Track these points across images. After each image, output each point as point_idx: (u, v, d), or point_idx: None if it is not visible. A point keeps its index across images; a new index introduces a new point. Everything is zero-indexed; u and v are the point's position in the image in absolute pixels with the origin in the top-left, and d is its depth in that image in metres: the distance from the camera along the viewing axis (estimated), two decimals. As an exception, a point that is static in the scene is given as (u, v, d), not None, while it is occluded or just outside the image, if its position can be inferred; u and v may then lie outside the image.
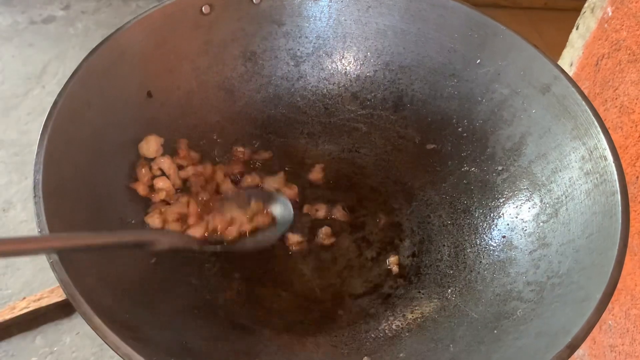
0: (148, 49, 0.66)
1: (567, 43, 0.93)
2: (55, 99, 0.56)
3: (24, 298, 1.03)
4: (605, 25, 0.80)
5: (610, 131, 0.79)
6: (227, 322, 0.61)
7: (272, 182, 0.72)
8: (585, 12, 0.86)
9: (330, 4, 0.73)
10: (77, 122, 0.58)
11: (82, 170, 0.57)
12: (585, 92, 0.85)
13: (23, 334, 1.02)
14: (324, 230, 0.70)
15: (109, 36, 0.62)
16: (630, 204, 0.76)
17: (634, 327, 0.80)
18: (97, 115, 0.60)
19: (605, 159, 0.57)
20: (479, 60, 0.69)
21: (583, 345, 0.90)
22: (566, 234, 0.58)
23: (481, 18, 0.68)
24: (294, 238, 0.69)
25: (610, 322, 0.84)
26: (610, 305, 0.83)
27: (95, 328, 0.45)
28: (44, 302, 1.03)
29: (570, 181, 0.60)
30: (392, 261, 0.69)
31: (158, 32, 0.66)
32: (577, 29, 0.89)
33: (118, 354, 0.45)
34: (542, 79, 0.64)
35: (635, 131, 0.76)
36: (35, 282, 1.08)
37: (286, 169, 0.75)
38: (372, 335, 0.63)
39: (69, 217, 0.53)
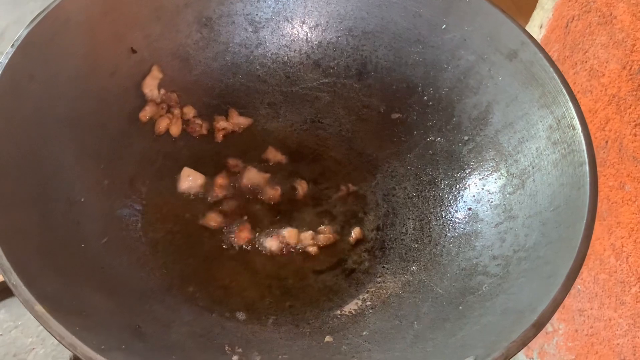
0: (94, 15, 0.62)
1: (537, 4, 0.92)
2: (-6, 72, 0.53)
3: (-16, 273, 1.01)
4: (576, -14, 0.79)
5: (579, 95, 0.79)
6: (182, 304, 0.60)
7: (254, 178, 0.71)
8: (556, -28, 0.85)
9: (289, -35, 0.70)
10: (18, 97, 0.55)
11: (25, 148, 0.55)
12: (555, 55, 0.84)
13: (-14, 308, 1.00)
14: (310, 235, 0.68)
15: (51, 3, 0.59)
16: (599, 168, 0.76)
17: (602, 291, 0.80)
18: (41, 89, 0.57)
19: (574, 128, 0.55)
20: (444, 26, 0.67)
21: (552, 310, 0.91)
22: (533, 206, 0.57)
23: (446, -20, 0.66)
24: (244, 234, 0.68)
25: (579, 286, 0.85)
26: (579, 270, 0.83)
27: (37, 317, 0.43)
28: (6, 277, 1.01)
29: (537, 151, 0.59)
30: (354, 234, 0.68)
31: (105, -2, 0.63)
32: (547, -11, 0.88)
33: (63, 344, 0.43)
34: (509, 44, 0.62)
35: (605, 95, 0.75)
36: (-3, 257, 1.06)
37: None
38: (335, 313, 0.62)
39: (11, 199, 0.51)
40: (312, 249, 0.66)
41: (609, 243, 0.78)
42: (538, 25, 0.91)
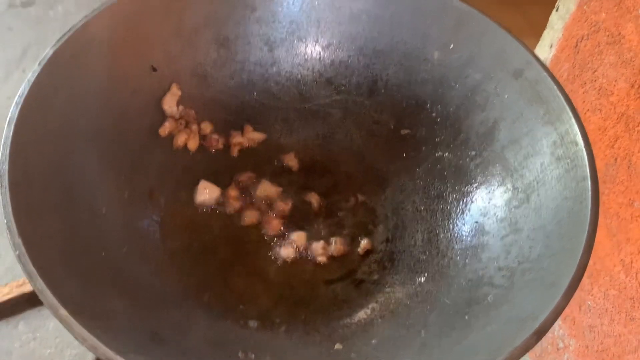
0: (117, 35, 0.65)
1: (547, 24, 0.93)
2: (22, 88, 0.56)
3: (7, 284, 1.03)
4: (585, 7, 0.80)
5: (589, 113, 0.80)
6: (198, 311, 0.61)
7: (268, 191, 0.73)
8: (565, -7, 0.86)
9: (303, -12, 0.73)
10: (44, 111, 0.57)
11: (50, 159, 0.57)
12: (565, 73, 0.85)
13: (6, 320, 1.02)
14: (321, 245, 0.69)
15: (77, 24, 0.61)
16: (608, 185, 0.77)
17: (612, 307, 0.81)
18: (65, 104, 0.60)
19: (577, 144, 0.57)
20: (452, 45, 0.69)
21: (563, 326, 0.91)
22: (537, 219, 0.58)
23: (454, 2, 0.67)
24: (275, 222, 0.70)
25: (589, 302, 0.85)
26: (589, 286, 0.84)
27: (61, 320, 0.45)
28: (27, 288, 1.02)
29: (541, 166, 0.60)
30: (363, 244, 0.69)
31: (127, 18, 0.65)
32: (557, 10, 0.89)
33: (85, 346, 0.45)
34: (515, 63, 0.64)
35: (614, 113, 0.76)
36: (18, 268, 1.07)
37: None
38: (345, 322, 0.63)
39: (37, 208, 0.53)
40: (322, 259, 0.68)
41: (618, 259, 0.79)
42: (548, 44, 0.92)
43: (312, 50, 0.76)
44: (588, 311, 0.86)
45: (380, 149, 0.76)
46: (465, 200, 0.68)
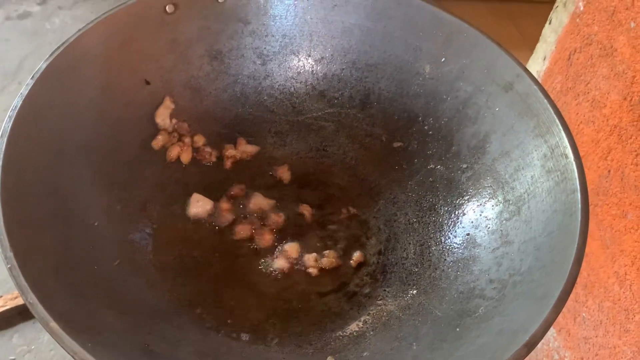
0: (111, 49, 0.65)
1: (541, 37, 0.93)
2: (15, 102, 0.56)
3: (1, 296, 1.03)
4: (577, 19, 0.81)
5: (582, 125, 0.80)
6: (190, 324, 0.61)
7: (260, 203, 0.73)
8: (557, 6, 0.87)
9: (296, 2, 0.73)
10: (38, 124, 0.58)
11: (43, 172, 0.57)
12: (558, 86, 0.85)
13: (0, 332, 1.02)
14: (313, 257, 0.70)
15: (70, 37, 0.62)
16: (602, 197, 0.77)
17: (607, 319, 0.81)
18: (59, 117, 0.60)
19: (566, 157, 0.57)
20: (443, 59, 0.69)
21: (558, 337, 0.91)
22: (528, 231, 0.59)
23: (445, 16, 0.68)
24: (267, 236, 0.70)
25: (584, 314, 0.85)
26: (584, 297, 0.84)
27: (52, 332, 0.45)
28: (21, 301, 1.02)
29: (532, 179, 0.60)
30: (355, 257, 0.70)
31: (121, 32, 0.66)
32: (550, 23, 0.90)
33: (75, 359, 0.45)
34: (506, 76, 0.64)
35: (607, 125, 0.76)
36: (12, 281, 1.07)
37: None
38: (337, 334, 0.63)
39: (29, 220, 0.53)
40: (313, 270, 0.68)
41: (612, 271, 0.79)
42: (542, 57, 0.93)
43: (305, 63, 0.77)
44: (583, 323, 0.86)
45: (372, 161, 0.76)
46: (457, 212, 0.68)
